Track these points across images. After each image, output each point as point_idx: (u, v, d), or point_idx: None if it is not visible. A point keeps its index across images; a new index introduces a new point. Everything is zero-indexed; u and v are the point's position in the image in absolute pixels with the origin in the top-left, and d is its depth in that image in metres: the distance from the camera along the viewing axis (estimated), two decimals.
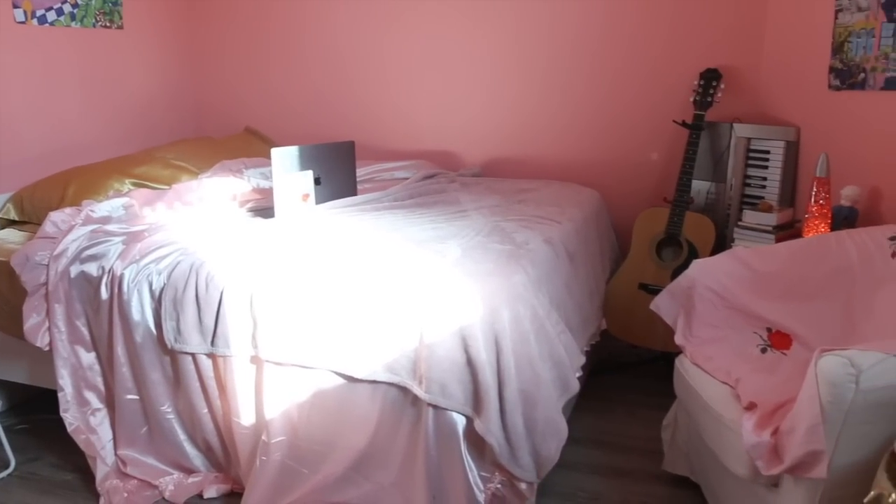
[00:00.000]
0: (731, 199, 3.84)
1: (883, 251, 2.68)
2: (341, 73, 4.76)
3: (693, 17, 4.14)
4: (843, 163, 3.31)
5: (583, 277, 3.23)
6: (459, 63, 4.55)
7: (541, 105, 4.45)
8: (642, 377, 3.81)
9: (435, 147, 4.70)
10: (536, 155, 4.49)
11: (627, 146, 4.31)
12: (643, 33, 4.22)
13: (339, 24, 4.69)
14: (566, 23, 4.31)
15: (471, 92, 4.57)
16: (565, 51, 4.35)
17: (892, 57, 3.05)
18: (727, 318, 2.71)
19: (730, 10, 4.08)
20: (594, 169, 4.37)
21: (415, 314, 2.37)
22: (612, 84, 4.31)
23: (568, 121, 4.41)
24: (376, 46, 4.66)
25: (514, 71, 4.46)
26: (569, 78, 4.37)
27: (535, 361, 2.40)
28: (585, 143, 4.39)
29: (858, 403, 1.83)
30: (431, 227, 3.04)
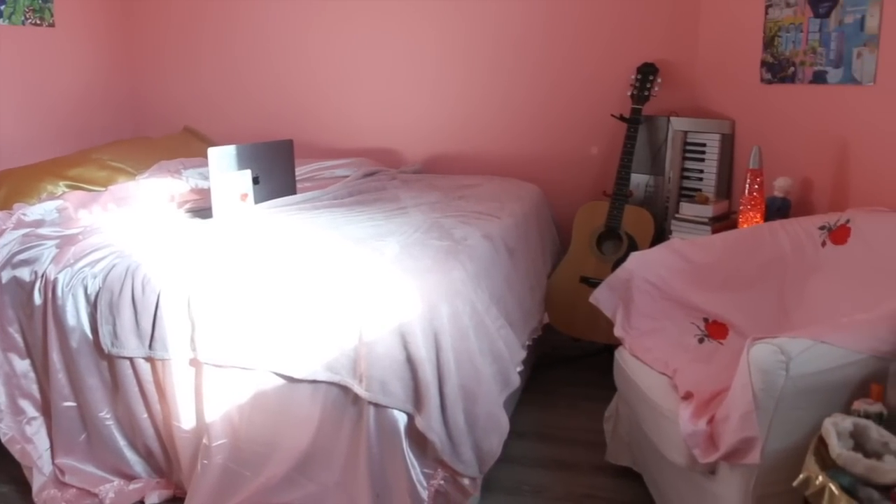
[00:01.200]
0: (670, 192, 3.90)
1: (813, 241, 2.74)
2: (282, 71, 4.73)
3: (630, 13, 4.19)
4: (776, 154, 3.38)
5: (523, 272, 3.24)
6: (400, 60, 4.55)
7: (481, 101, 4.46)
8: (585, 370, 3.84)
9: (376, 145, 4.68)
10: (477, 151, 4.51)
11: (567, 141, 4.35)
12: (582, 29, 4.25)
13: (279, 21, 4.66)
14: (507, 20, 4.33)
15: (411, 89, 4.56)
16: (506, 47, 4.36)
17: (820, 51, 3.11)
18: (665, 309, 2.75)
19: (665, 5, 4.14)
20: (535, 164, 4.40)
21: (354, 312, 2.36)
22: (552, 79, 4.34)
23: (508, 116, 4.43)
24: (316, 43, 4.63)
25: (455, 67, 4.47)
26: (509, 74, 4.39)
27: (475, 357, 2.40)
28: (526, 138, 4.42)
29: (789, 390, 1.86)
30: (370, 225, 3.03)
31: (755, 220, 3.12)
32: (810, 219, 2.84)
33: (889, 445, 1.65)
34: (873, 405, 1.79)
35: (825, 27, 3.09)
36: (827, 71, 3.10)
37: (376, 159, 4.56)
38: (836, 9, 3.03)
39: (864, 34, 2.88)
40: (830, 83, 3.09)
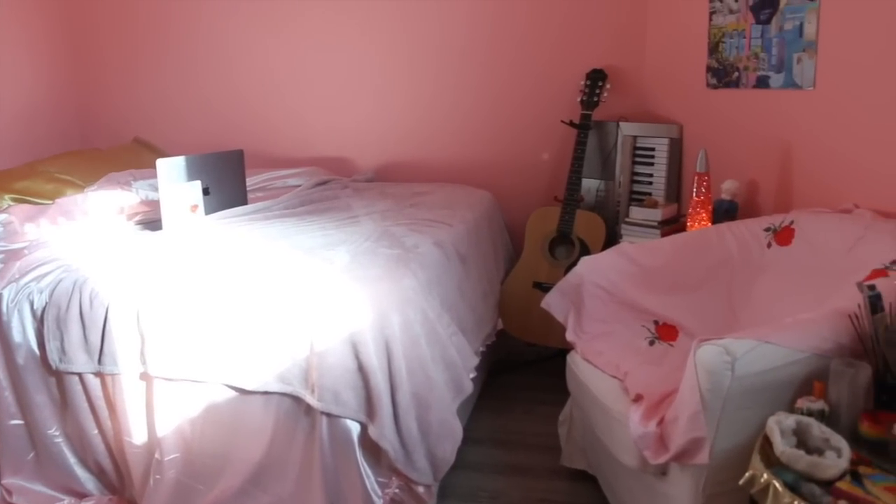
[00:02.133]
0: (620, 196, 3.94)
1: (759, 242, 2.79)
2: (233, 81, 4.70)
3: (578, 19, 4.23)
4: (723, 158, 3.43)
5: (475, 279, 3.26)
6: (350, 68, 4.54)
7: (433, 108, 4.47)
8: (540, 375, 3.86)
9: (328, 153, 4.67)
10: (429, 158, 4.52)
11: (519, 147, 4.38)
12: (531, 36, 4.29)
13: (229, 31, 4.63)
14: (456, 27, 4.35)
15: (362, 97, 4.57)
16: (456, 55, 4.38)
17: (762, 57, 3.17)
18: (616, 312, 2.77)
19: (613, 12, 4.18)
20: (487, 170, 4.42)
21: (304, 323, 2.36)
22: (503, 86, 4.37)
23: (460, 124, 4.45)
24: (267, 52, 4.62)
25: (406, 75, 4.48)
26: (460, 81, 4.41)
27: (427, 364, 2.41)
28: (478, 145, 4.44)
29: (735, 390, 1.89)
30: (321, 234, 3.02)
31: (703, 222, 3.16)
32: (756, 220, 2.89)
33: (830, 441, 1.68)
34: (816, 402, 1.83)
35: (767, 33, 3.15)
36: (769, 76, 3.16)
37: (329, 168, 4.55)
38: (776, 15, 3.09)
39: (803, 40, 2.95)
40: (773, 88, 3.15)
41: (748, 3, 3.26)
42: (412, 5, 4.38)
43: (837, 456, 1.64)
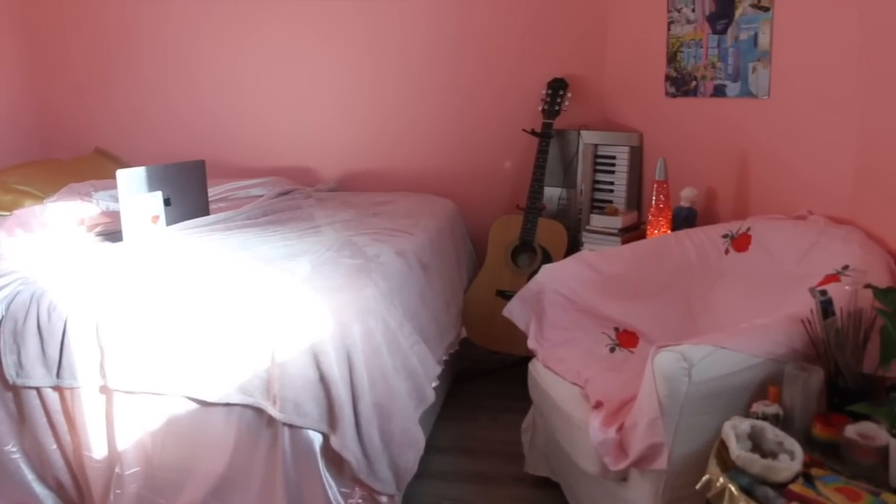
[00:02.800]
0: (582, 204, 3.97)
1: (717, 249, 2.83)
2: (195, 91, 4.67)
3: (540, 29, 4.25)
4: (682, 165, 3.47)
5: (438, 287, 3.26)
6: (313, 78, 4.54)
7: (396, 118, 4.48)
8: (504, 382, 3.86)
9: (291, 163, 4.66)
10: (392, 167, 4.53)
11: (481, 156, 4.40)
12: (493, 45, 4.31)
13: (189, 40, 4.61)
14: (418, 37, 4.37)
15: (326, 107, 4.56)
16: (418, 64, 4.40)
17: (719, 66, 3.22)
18: (577, 320, 2.80)
19: (574, 22, 4.22)
20: (449, 179, 4.43)
21: (265, 334, 2.35)
22: (465, 95, 4.39)
23: (423, 133, 4.46)
24: (229, 62, 4.60)
25: (369, 85, 4.48)
26: (423, 90, 4.42)
27: (389, 374, 2.41)
28: (440, 153, 4.45)
29: (692, 395, 1.92)
30: (283, 245, 3.02)
31: (663, 229, 3.20)
32: (714, 227, 2.93)
33: (784, 445, 1.71)
34: (770, 406, 1.86)
35: (723, 43, 3.20)
36: (726, 85, 3.21)
37: (292, 178, 4.54)
38: (731, 26, 3.14)
39: (758, 50, 3.00)
40: (730, 96, 3.20)
41: (705, 14, 3.31)
42: (375, 15, 4.39)
43: (791, 459, 1.67)
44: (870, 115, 2.54)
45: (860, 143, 2.60)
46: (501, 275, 3.75)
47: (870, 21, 2.53)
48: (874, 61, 2.51)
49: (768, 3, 2.94)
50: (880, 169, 2.49)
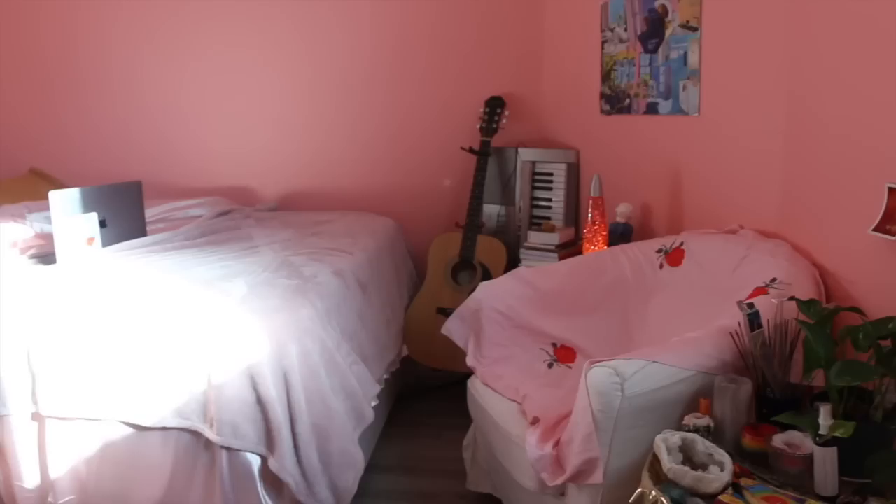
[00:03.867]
0: (521, 221, 4.00)
1: (652, 263, 2.87)
2: (133, 110, 4.61)
3: (478, 48, 4.30)
4: (618, 182, 3.53)
5: (377, 306, 3.26)
6: (252, 96, 4.52)
7: (336, 137, 4.48)
8: (448, 399, 3.86)
9: (231, 183, 4.63)
10: (333, 186, 4.52)
11: (421, 174, 4.41)
12: (432, 64, 4.34)
13: (126, 60, 4.55)
14: (357, 55, 4.38)
15: (266, 126, 4.54)
16: (358, 83, 4.40)
17: (651, 84, 3.28)
18: (515, 336, 2.82)
19: (511, 41, 4.27)
20: (390, 197, 4.44)
21: (201, 356, 2.33)
22: (405, 114, 4.40)
23: (363, 151, 4.46)
24: (168, 82, 4.55)
25: (309, 104, 4.48)
26: (362, 109, 4.43)
27: (327, 394, 2.40)
28: (380, 172, 4.46)
29: (625, 409, 1.94)
30: (220, 266, 2.99)
31: (599, 245, 3.24)
32: (648, 242, 2.98)
33: (714, 456, 1.74)
34: (701, 419, 1.89)
35: (654, 62, 3.26)
36: (658, 102, 3.27)
37: (232, 198, 4.50)
38: (662, 45, 3.20)
39: (688, 69, 3.06)
40: (662, 114, 3.26)
41: (637, 33, 3.37)
42: (314, 35, 4.39)
43: (720, 470, 1.70)
44: (794, 130, 2.61)
45: (786, 159, 2.67)
46: (442, 292, 3.76)
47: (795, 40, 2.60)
48: (798, 79, 2.58)
49: (696, 23, 3.01)
50: (804, 183, 2.56)
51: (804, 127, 2.55)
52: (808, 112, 2.52)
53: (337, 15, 4.35)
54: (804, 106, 2.55)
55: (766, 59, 2.75)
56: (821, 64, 2.44)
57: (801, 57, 2.57)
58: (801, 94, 2.57)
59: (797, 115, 2.60)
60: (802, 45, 2.56)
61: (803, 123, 2.56)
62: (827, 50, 2.40)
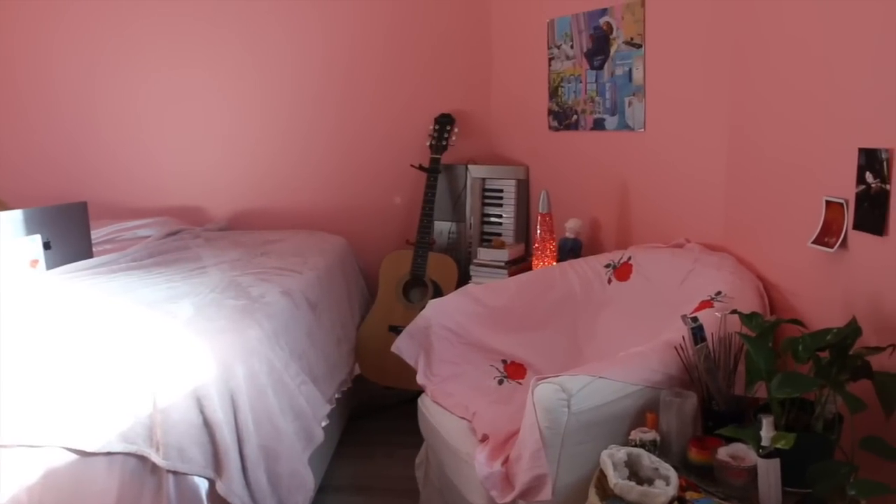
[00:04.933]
0: (472, 238, 4.01)
1: (601, 278, 2.90)
2: (79, 130, 4.54)
3: (427, 66, 4.30)
4: (567, 197, 3.55)
5: (328, 325, 3.24)
6: (202, 116, 4.47)
7: (286, 155, 4.45)
8: (400, 418, 3.85)
9: (180, 202, 4.58)
10: (283, 205, 4.49)
11: (372, 192, 4.40)
12: (382, 82, 4.33)
13: (72, 78, 4.49)
14: (307, 73, 4.36)
15: (215, 145, 4.50)
16: (308, 101, 4.39)
17: (598, 101, 3.31)
18: (465, 353, 2.81)
19: (460, 58, 4.28)
20: (340, 215, 4.42)
21: (146, 379, 2.28)
22: (355, 132, 4.39)
23: (313, 170, 4.44)
24: (115, 101, 4.49)
25: (259, 122, 4.45)
26: (313, 127, 4.41)
27: (275, 415, 2.38)
28: (331, 190, 4.44)
29: (572, 426, 1.95)
30: (166, 287, 2.95)
31: (549, 261, 3.26)
32: (597, 258, 3.00)
33: (659, 471, 1.75)
34: (648, 433, 1.90)
35: (600, 78, 3.30)
36: (605, 118, 3.30)
37: (181, 218, 4.45)
38: (607, 62, 3.24)
39: (633, 85, 3.10)
40: (609, 130, 3.30)
41: (583, 50, 3.40)
42: (263, 53, 4.36)
43: (666, 484, 1.71)
44: (736, 145, 2.66)
45: (729, 173, 2.71)
46: (393, 310, 3.75)
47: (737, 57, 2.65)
48: (739, 97, 2.63)
49: (640, 40, 3.05)
50: (747, 197, 2.60)
51: (745, 142, 2.59)
52: (748, 128, 2.57)
53: (287, 34, 4.34)
54: (745, 123, 2.59)
55: (708, 75, 2.80)
56: (758, 84, 2.49)
57: (741, 75, 2.61)
58: (741, 111, 2.61)
59: (739, 130, 2.64)
60: (743, 64, 2.60)
61: (745, 139, 2.60)
62: (763, 71, 2.45)
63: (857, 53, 1.91)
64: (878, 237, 1.80)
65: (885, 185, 1.76)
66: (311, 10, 4.30)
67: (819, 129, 2.10)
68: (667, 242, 2.96)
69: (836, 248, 1.97)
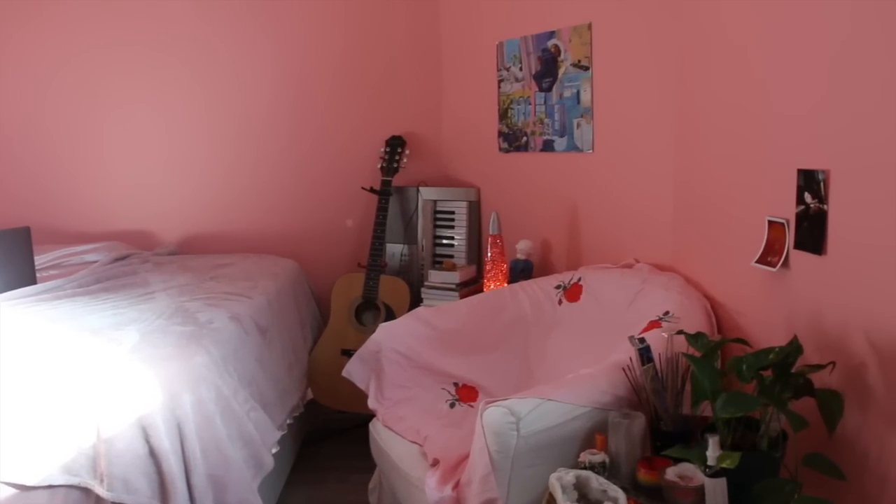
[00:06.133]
0: (424, 260, 4.01)
1: (551, 299, 2.90)
2: (24, 153, 4.45)
3: (378, 88, 4.30)
4: (518, 218, 3.57)
5: (278, 350, 3.21)
6: (150, 138, 4.42)
7: (236, 177, 4.41)
8: (354, 442, 3.81)
9: (129, 227, 4.51)
10: (234, 228, 4.44)
11: (323, 215, 4.38)
12: (333, 104, 4.32)
13: (17, 99, 4.40)
14: (258, 95, 4.33)
15: (164, 168, 4.44)
16: (257, 123, 4.36)
17: (547, 122, 3.34)
18: (416, 377, 2.80)
19: (411, 80, 4.29)
20: (292, 239, 4.38)
21: (89, 408, 2.23)
22: (305, 154, 4.37)
23: (264, 192, 4.41)
24: (62, 126, 4.41)
25: (208, 144, 4.40)
26: (263, 150, 4.38)
27: (223, 443, 2.34)
28: (282, 213, 4.41)
29: (522, 449, 1.94)
30: (112, 314, 2.90)
31: (500, 283, 3.26)
32: (547, 279, 3.01)
33: (608, 493, 1.75)
34: (597, 455, 1.90)
35: (549, 100, 3.32)
36: (554, 140, 3.33)
37: (130, 242, 4.39)
38: (556, 84, 3.27)
39: (581, 107, 3.13)
40: (558, 151, 3.32)
41: (531, 72, 3.43)
42: (212, 73, 4.33)
43: None
44: (682, 165, 2.69)
45: (676, 193, 2.75)
46: (346, 334, 3.72)
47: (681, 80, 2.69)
48: (683, 119, 2.66)
49: (587, 62, 3.09)
50: (693, 217, 2.63)
51: (691, 163, 2.63)
52: (694, 150, 2.61)
53: (236, 55, 4.31)
54: (691, 144, 2.63)
55: (654, 97, 2.83)
56: (702, 107, 2.53)
57: (686, 97, 2.65)
58: (687, 132, 2.65)
59: (685, 151, 2.68)
60: (687, 87, 2.64)
61: (691, 160, 2.64)
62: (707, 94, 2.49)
63: (795, 78, 1.94)
64: (817, 256, 1.83)
65: (823, 206, 1.79)
66: (260, 32, 4.28)
67: (761, 151, 2.14)
68: (616, 263, 2.98)
69: (778, 268, 2.00)
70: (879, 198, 1.60)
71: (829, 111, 1.78)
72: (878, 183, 1.60)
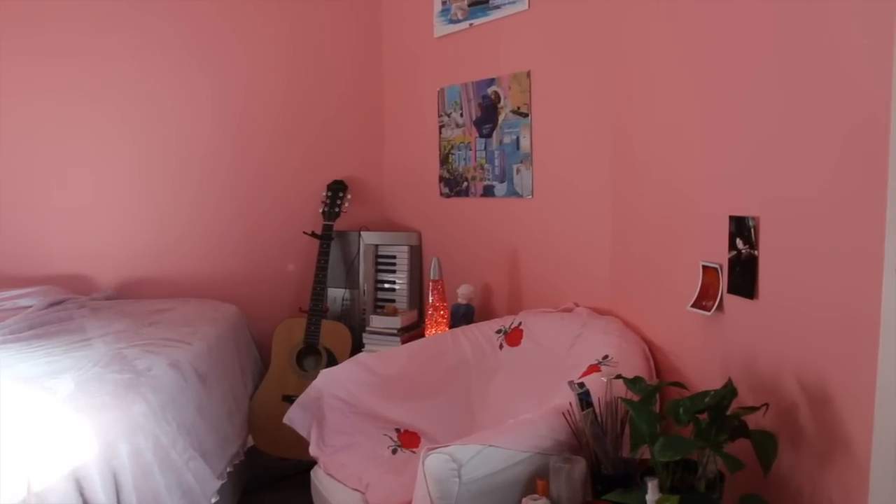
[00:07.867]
0: (366, 304, 4.00)
1: (492, 344, 2.92)
2: None
3: (319, 133, 4.31)
4: (460, 263, 3.59)
5: (218, 397, 3.16)
6: (87, 180, 4.34)
7: (175, 221, 4.37)
8: (297, 489, 3.74)
9: (65, 270, 4.41)
10: (173, 273, 4.38)
11: (264, 259, 4.34)
12: (273, 148, 4.31)
13: None
14: (198, 137, 4.30)
15: (101, 210, 4.37)
16: (196, 167, 4.32)
17: (487, 168, 3.38)
18: (357, 423, 2.78)
19: (353, 124, 4.31)
20: (232, 283, 4.34)
21: (19, 461, 2.18)
22: (246, 198, 4.34)
23: (204, 236, 4.36)
24: None
25: (146, 187, 4.35)
26: (202, 194, 4.34)
27: (161, 494, 2.30)
28: (223, 257, 4.36)
29: (464, 496, 1.94)
30: (46, 361, 2.83)
31: (441, 327, 3.27)
32: (488, 323, 3.03)
33: None
34: (539, 500, 1.91)
35: (489, 146, 3.37)
36: (494, 185, 3.37)
37: (66, 286, 4.29)
38: (496, 130, 3.32)
39: (521, 152, 3.18)
40: (498, 196, 3.36)
41: (472, 118, 3.48)
42: (151, 113, 4.29)
43: None
44: (619, 210, 2.75)
45: (613, 237, 2.80)
46: (287, 379, 3.69)
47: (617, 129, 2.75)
48: (620, 166, 2.72)
49: (527, 109, 3.14)
50: (630, 262, 2.68)
51: (628, 209, 2.68)
52: (630, 195, 2.66)
53: (175, 97, 4.28)
54: (627, 190, 2.69)
55: (592, 144, 2.90)
56: (638, 153, 2.59)
57: (622, 144, 2.72)
58: (623, 178, 2.71)
59: (621, 197, 2.74)
60: (623, 134, 2.71)
61: (627, 206, 2.69)
62: (642, 141, 2.56)
63: (726, 127, 2.01)
64: (749, 300, 1.88)
65: (754, 251, 1.84)
66: (200, 74, 4.27)
67: (695, 198, 2.20)
68: (556, 307, 3.01)
69: (713, 311, 2.05)
70: (806, 245, 1.66)
71: (759, 161, 1.85)
72: (804, 230, 1.66)
